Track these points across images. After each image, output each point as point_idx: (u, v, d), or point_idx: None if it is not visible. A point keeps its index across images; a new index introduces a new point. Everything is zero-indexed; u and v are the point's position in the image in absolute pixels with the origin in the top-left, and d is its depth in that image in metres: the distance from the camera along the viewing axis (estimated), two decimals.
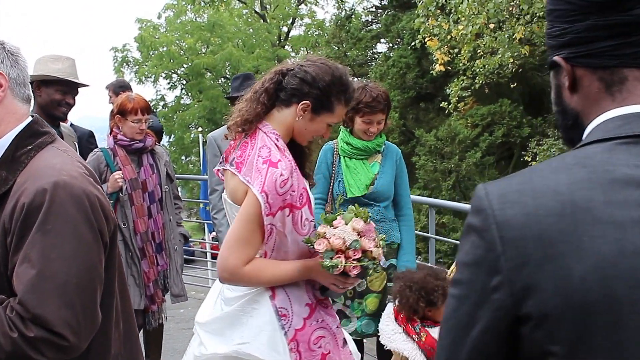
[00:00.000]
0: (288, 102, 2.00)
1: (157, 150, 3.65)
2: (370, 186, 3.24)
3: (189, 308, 5.44)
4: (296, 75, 1.99)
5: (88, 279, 1.35)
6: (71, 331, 1.29)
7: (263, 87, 2.02)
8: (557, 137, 9.89)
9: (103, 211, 1.42)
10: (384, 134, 3.33)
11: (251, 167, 1.93)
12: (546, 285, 0.86)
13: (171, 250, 3.67)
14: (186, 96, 29.24)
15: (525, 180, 0.92)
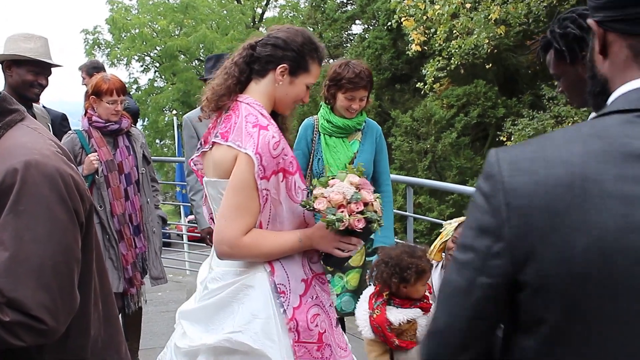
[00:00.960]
0: (264, 71, 1.98)
1: (133, 132, 3.59)
2: (349, 164, 3.21)
3: (167, 291, 5.43)
4: (267, 43, 1.97)
5: (64, 260, 1.31)
6: (49, 314, 1.26)
7: (233, 61, 2.00)
8: (531, 117, 9.99)
9: (78, 190, 1.37)
10: (365, 112, 3.30)
11: (240, 133, 1.86)
12: (548, 255, 0.87)
13: (149, 233, 3.63)
14: (160, 79, 28.86)
15: (539, 149, 0.92)
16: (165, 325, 4.70)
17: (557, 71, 2.21)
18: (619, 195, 0.83)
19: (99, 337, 1.51)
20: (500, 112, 11.44)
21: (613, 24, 0.95)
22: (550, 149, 0.91)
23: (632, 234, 0.82)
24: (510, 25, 9.59)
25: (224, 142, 1.89)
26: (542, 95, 11.10)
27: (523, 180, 0.90)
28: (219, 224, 1.90)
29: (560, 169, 0.87)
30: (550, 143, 0.92)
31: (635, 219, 0.82)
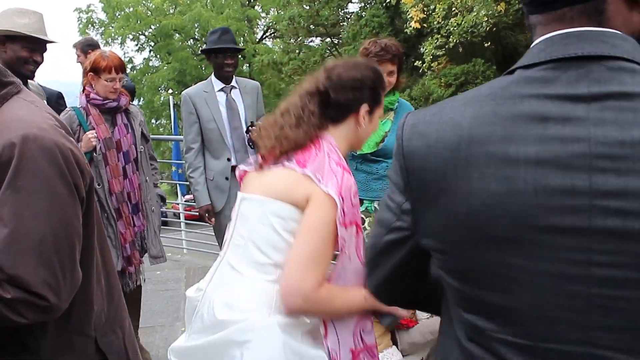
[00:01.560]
0: (343, 115, 1.80)
1: (131, 110, 3.55)
2: (380, 143, 3.26)
3: (165, 270, 5.42)
4: (344, 87, 1.77)
5: (65, 236, 1.29)
6: (51, 291, 1.24)
7: (305, 111, 1.75)
8: None
9: (77, 164, 1.34)
10: (397, 92, 3.33)
11: (321, 167, 1.66)
12: (437, 218, 0.90)
13: (148, 211, 3.60)
14: (155, 58, 28.66)
15: (437, 112, 0.94)
16: (165, 304, 4.72)
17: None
18: (503, 158, 0.82)
19: (102, 313, 1.50)
20: None
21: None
22: (447, 111, 0.91)
23: (515, 196, 0.81)
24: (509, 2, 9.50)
25: (299, 169, 1.66)
26: None
27: (418, 143, 0.92)
28: (293, 271, 1.61)
29: (450, 132, 0.88)
30: (450, 105, 0.93)
31: (519, 180, 0.80)
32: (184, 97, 3.79)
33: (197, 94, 3.76)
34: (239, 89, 3.87)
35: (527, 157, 0.80)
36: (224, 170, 3.77)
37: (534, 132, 0.80)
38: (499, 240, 0.83)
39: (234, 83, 3.86)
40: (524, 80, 0.85)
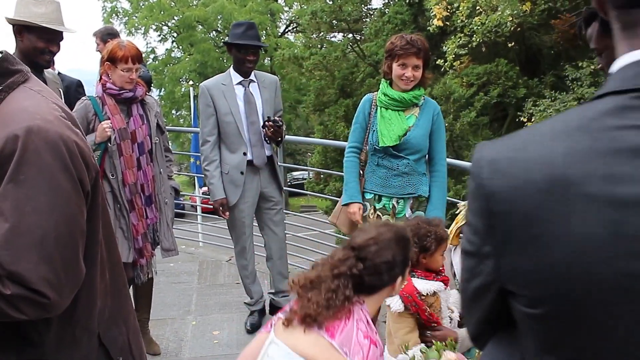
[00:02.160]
0: (378, 290, 1.94)
1: (147, 101, 3.51)
2: (403, 137, 3.25)
3: (179, 262, 5.40)
4: (377, 271, 1.89)
5: (68, 232, 1.25)
6: (51, 288, 1.20)
7: (339, 294, 1.84)
8: (553, 99, 9.77)
9: (82, 158, 1.30)
10: (422, 88, 3.34)
11: (349, 339, 1.79)
12: (527, 266, 0.80)
13: (161, 204, 3.57)
14: (177, 49, 28.75)
15: (520, 147, 0.84)
16: (176, 297, 4.69)
17: (600, 46, 2.10)
18: (608, 199, 0.73)
19: (105, 308, 1.47)
20: (521, 92, 11.19)
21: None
22: (532, 146, 0.82)
23: (624, 242, 0.72)
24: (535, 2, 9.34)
25: (328, 338, 1.79)
26: (564, 77, 10.85)
27: (502, 184, 0.82)
28: None
29: (540, 172, 0.78)
30: (533, 139, 0.83)
31: (630, 224, 0.71)
32: (201, 89, 3.74)
33: (215, 87, 3.71)
34: (258, 83, 3.81)
35: (637, 197, 0.72)
36: (240, 165, 3.72)
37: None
38: (603, 289, 0.75)
39: (253, 77, 3.80)
40: (620, 109, 0.76)
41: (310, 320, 1.80)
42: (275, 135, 3.71)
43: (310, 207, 26.17)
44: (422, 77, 3.27)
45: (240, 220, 3.85)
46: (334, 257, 1.93)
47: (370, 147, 3.35)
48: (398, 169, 3.27)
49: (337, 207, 3.56)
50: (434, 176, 3.37)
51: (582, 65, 9.69)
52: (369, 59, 14.22)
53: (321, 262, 1.99)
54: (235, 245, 4.02)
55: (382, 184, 3.32)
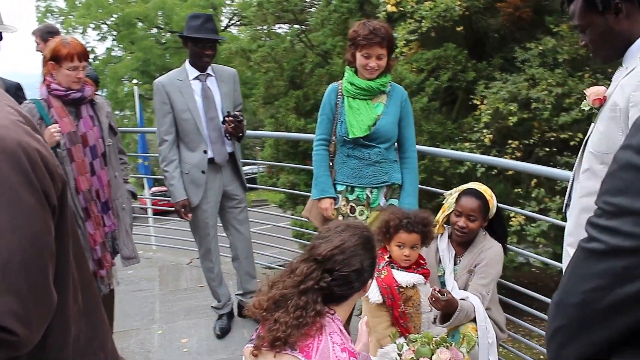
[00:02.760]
0: (349, 297, 1.85)
1: (97, 101, 3.29)
2: (372, 126, 3.15)
3: (137, 269, 5.14)
4: (345, 282, 1.80)
5: (35, 253, 1.06)
6: (19, 322, 1.02)
7: (309, 310, 1.74)
8: (505, 80, 9.86)
9: (47, 167, 1.11)
10: (389, 75, 3.26)
11: (327, 357, 1.69)
12: None
13: (119, 210, 3.37)
14: (117, 48, 27.92)
15: None
16: (138, 305, 4.47)
17: (583, 22, 2.04)
18: None
19: (80, 334, 1.29)
20: (471, 75, 11.24)
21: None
22: None
23: None
24: None
25: (301, 359, 1.69)
26: (512, 59, 10.98)
27: None
28: None
29: None
30: None
31: None
32: (156, 85, 3.52)
33: (170, 83, 3.50)
34: (215, 77, 3.62)
35: None
36: (200, 163, 3.54)
37: None
38: None
39: (210, 71, 3.61)
40: None
41: (280, 344, 1.70)
42: (236, 131, 3.53)
43: (262, 202, 26.03)
44: (387, 63, 3.17)
45: (204, 221, 3.67)
46: (295, 272, 1.81)
47: (339, 138, 3.24)
48: (370, 158, 3.17)
49: (309, 202, 3.44)
50: (405, 163, 3.29)
51: (531, 46, 9.80)
52: (317, 49, 14.06)
53: (280, 278, 1.86)
54: (199, 247, 3.83)
55: (354, 175, 3.21)
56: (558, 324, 0.90)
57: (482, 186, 3.03)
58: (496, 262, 2.92)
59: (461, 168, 9.96)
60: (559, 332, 0.90)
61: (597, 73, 9.42)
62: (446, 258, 2.98)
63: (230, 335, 3.90)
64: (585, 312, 0.84)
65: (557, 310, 0.90)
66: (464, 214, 2.92)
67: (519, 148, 9.66)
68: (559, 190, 9.06)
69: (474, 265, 2.93)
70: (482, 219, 2.95)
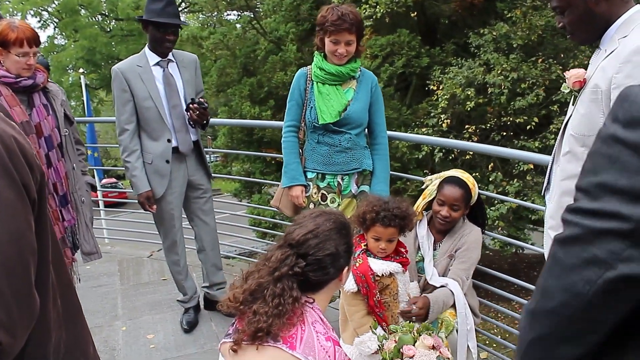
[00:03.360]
0: (326, 285, 1.79)
1: (50, 88, 3.12)
2: (343, 112, 3.09)
3: (96, 264, 4.96)
4: (322, 265, 1.75)
5: (16, 252, 0.95)
6: (3, 329, 0.91)
7: (286, 297, 1.68)
8: (460, 66, 9.95)
9: (25, 157, 1.00)
10: (359, 60, 3.20)
11: (312, 346, 1.64)
12: None
13: (78, 203, 3.21)
14: (60, 36, 26.93)
15: None
16: (99, 302, 4.30)
17: (562, 3, 2.04)
18: None
19: (60, 340, 1.18)
20: (425, 61, 11.32)
21: None
22: None
23: None
24: None
25: (288, 350, 1.63)
26: (464, 44, 11.10)
27: None
28: None
29: None
30: None
31: None
32: (114, 72, 3.34)
33: (129, 69, 3.33)
34: (177, 62, 3.47)
35: None
36: (164, 153, 3.39)
37: None
38: None
39: (171, 56, 3.45)
40: None
41: (262, 334, 1.64)
42: (201, 118, 3.40)
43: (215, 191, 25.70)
44: (356, 49, 3.11)
45: (169, 212, 3.53)
46: (270, 259, 1.76)
47: (309, 124, 3.17)
48: (340, 144, 3.11)
49: (278, 190, 3.35)
50: (375, 149, 3.24)
51: (484, 32, 9.91)
52: (270, 36, 13.89)
53: (255, 268, 1.81)
54: (164, 239, 3.69)
55: (325, 162, 3.15)
56: (535, 335, 0.83)
57: (465, 174, 3.00)
58: (476, 247, 2.91)
59: (418, 154, 10.03)
60: (537, 345, 0.83)
61: (549, 58, 9.62)
62: (425, 245, 2.95)
63: (198, 329, 3.79)
64: (569, 312, 0.78)
65: (534, 319, 0.84)
66: (447, 203, 2.90)
67: (476, 132, 9.79)
68: (515, 174, 9.25)
69: (454, 250, 2.91)
70: (465, 208, 2.94)
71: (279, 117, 12.57)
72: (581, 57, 9.39)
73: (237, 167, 15.04)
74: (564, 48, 9.76)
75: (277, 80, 12.42)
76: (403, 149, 10.07)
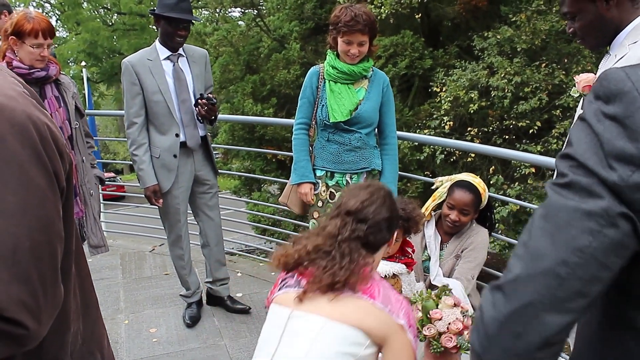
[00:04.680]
0: (381, 245, 1.91)
1: (62, 81, 3.13)
2: (354, 111, 3.10)
3: (98, 257, 4.96)
4: (379, 228, 1.86)
5: (45, 240, 0.96)
6: (29, 314, 0.91)
7: (355, 256, 1.78)
8: (464, 68, 9.97)
9: (56, 145, 1.00)
10: (371, 60, 3.21)
11: (388, 297, 1.75)
12: None
13: (86, 196, 3.22)
14: (62, 29, 26.88)
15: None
16: (102, 295, 4.31)
17: (573, 9, 2.05)
18: None
19: (78, 332, 1.19)
20: (428, 63, 11.35)
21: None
22: None
23: None
24: None
25: (370, 300, 1.72)
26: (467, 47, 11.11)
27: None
28: None
29: None
30: None
31: None
32: (125, 65, 3.35)
33: (140, 63, 3.34)
34: (187, 57, 3.48)
35: None
36: (172, 147, 3.40)
37: None
38: None
39: (181, 51, 3.46)
40: None
41: (340, 286, 1.71)
42: (209, 114, 3.41)
43: None
44: (369, 49, 3.12)
45: (175, 207, 3.54)
46: (326, 228, 1.86)
47: (320, 122, 3.18)
48: (350, 143, 3.13)
49: (287, 187, 3.36)
50: (385, 149, 3.26)
51: (488, 35, 9.92)
52: (274, 34, 13.90)
53: (306, 236, 1.89)
54: (168, 234, 3.70)
55: (334, 160, 3.16)
56: (516, 305, 0.79)
57: (476, 178, 3.00)
58: (482, 247, 2.93)
59: (420, 155, 10.04)
60: (517, 317, 0.79)
61: (553, 63, 9.65)
62: (432, 245, 2.97)
63: (200, 324, 3.80)
64: (564, 271, 0.77)
65: (515, 288, 0.80)
66: (456, 208, 2.91)
67: (478, 135, 9.81)
68: (517, 178, 9.27)
69: (461, 250, 2.93)
70: (474, 212, 2.95)
71: (281, 115, 12.58)
72: (584, 62, 9.41)
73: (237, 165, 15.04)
74: (567, 53, 9.78)
75: (280, 78, 12.43)
76: (405, 150, 10.09)
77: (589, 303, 0.79)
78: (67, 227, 1.08)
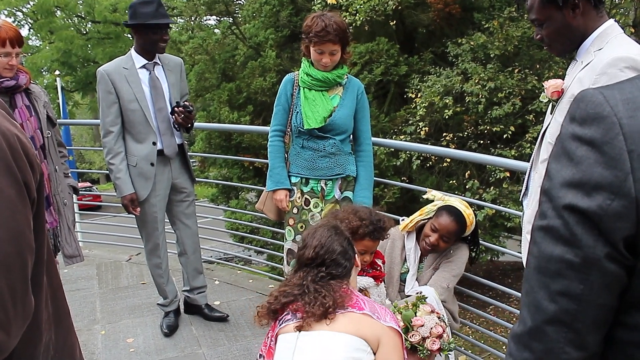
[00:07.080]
0: (348, 272, 2.14)
1: (33, 90, 3.10)
2: (328, 118, 3.12)
3: (73, 267, 4.90)
4: (337, 263, 2.10)
5: (15, 251, 0.96)
6: None
7: (319, 287, 2.04)
8: (439, 74, 10.07)
9: (26, 155, 1.01)
10: (346, 66, 3.24)
11: (374, 307, 2.04)
12: None
13: (60, 205, 3.19)
14: (35, 37, 26.53)
15: None
16: (78, 306, 4.26)
17: (541, 16, 2.10)
18: None
19: (50, 343, 1.18)
20: (403, 69, 11.45)
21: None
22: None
23: None
24: None
25: (359, 312, 1.99)
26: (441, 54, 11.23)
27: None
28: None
29: None
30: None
31: None
32: (100, 74, 3.33)
33: (115, 71, 3.32)
34: (162, 65, 3.47)
35: None
36: (149, 156, 3.39)
37: None
38: None
39: (157, 59, 3.45)
40: None
41: (332, 309, 1.96)
42: (186, 122, 3.41)
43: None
44: (342, 57, 3.15)
45: (152, 215, 3.52)
46: (292, 281, 2.11)
47: (294, 129, 3.20)
48: (325, 149, 3.15)
49: (263, 194, 3.37)
50: (360, 156, 3.28)
51: (462, 42, 10.05)
52: (249, 42, 13.89)
53: (277, 288, 2.15)
54: (146, 243, 3.68)
55: (309, 167, 3.18)
56: (540, 353, 0.84)
57: (467, 209, 2.95)
58: (462, 262, 2.95)
59: (396, 161, 10.10)
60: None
61: (525, 69, 9.80)
62: (412, 257, 2.99)
63: (178, 333, 3.78)
64: (570, 318, 0.81)
65: (532, 336, 0.84)
66: (439, 232, 2.89)
67: (453, 140, 9.91)
68: (492, 182, 9.38)
69: (439, 263, 2.95)
70: (453, 242, 2.95)
71: (258, 123, 12.56)
72: (556, 68, 9.58)
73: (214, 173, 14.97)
74: (539, 59, 9.95)
75: (256, 85, 12.42)
76: (381, 156, 10.15)
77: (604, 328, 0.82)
78: (38, 237, 1.08)
